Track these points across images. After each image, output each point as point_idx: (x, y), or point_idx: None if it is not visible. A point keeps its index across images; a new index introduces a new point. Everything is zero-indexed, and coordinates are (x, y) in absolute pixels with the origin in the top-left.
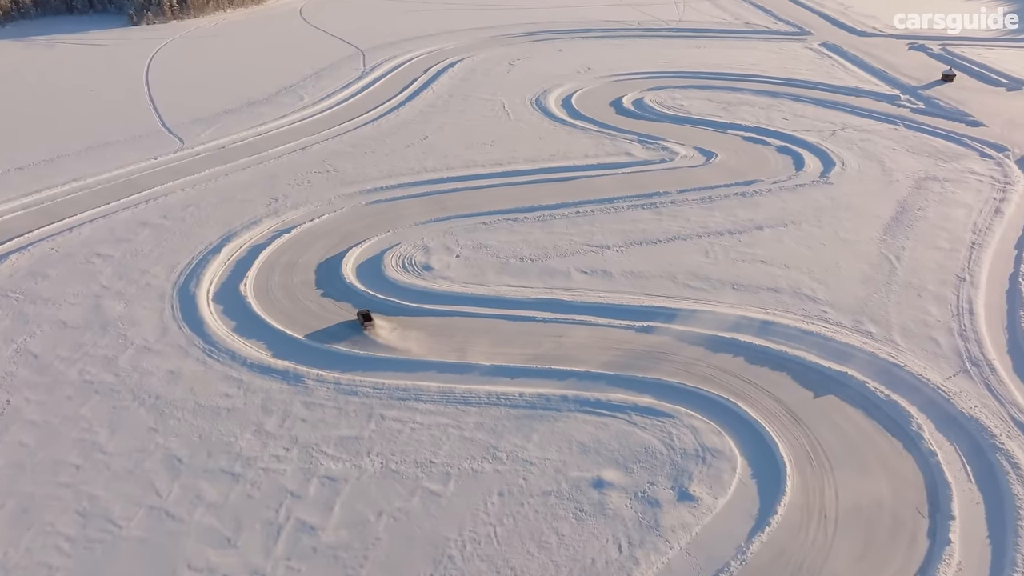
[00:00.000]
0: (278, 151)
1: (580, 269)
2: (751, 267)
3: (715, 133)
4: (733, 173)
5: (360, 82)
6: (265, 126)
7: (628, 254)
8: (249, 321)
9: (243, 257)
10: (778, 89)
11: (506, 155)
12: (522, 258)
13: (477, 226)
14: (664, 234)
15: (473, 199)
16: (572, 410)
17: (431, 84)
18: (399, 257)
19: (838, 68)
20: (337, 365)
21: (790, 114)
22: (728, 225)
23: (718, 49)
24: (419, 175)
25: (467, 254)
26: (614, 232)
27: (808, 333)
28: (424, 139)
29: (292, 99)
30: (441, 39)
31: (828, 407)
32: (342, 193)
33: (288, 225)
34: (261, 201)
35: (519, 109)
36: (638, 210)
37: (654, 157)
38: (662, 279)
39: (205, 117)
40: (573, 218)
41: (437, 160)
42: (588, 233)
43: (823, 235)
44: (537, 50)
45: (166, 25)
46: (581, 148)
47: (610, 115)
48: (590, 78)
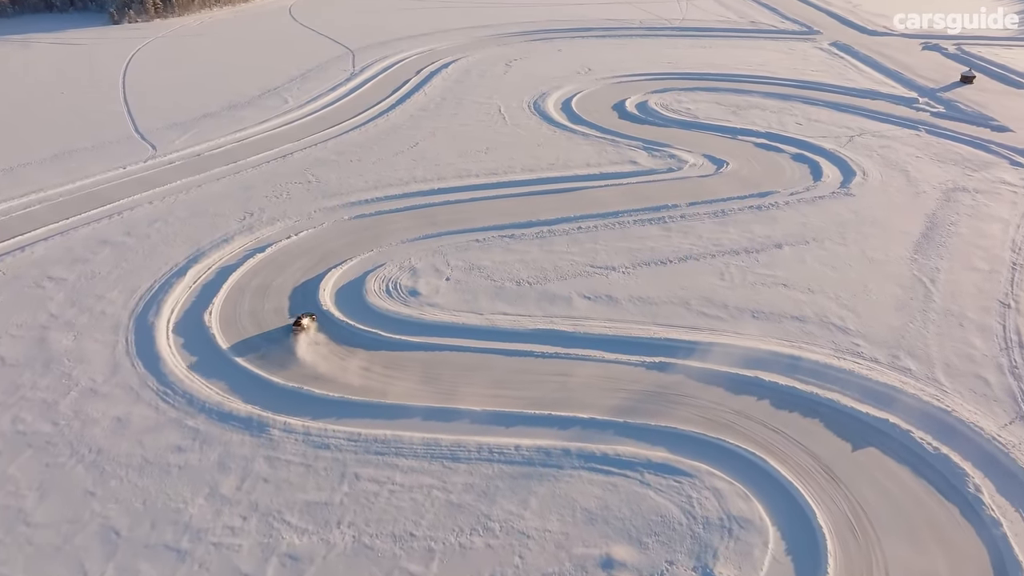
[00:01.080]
0: (257, 159)
1: (583, 294)
2: (772, 291)
3: (725, 139)
4: (746, 184)
5: (348, 84)
6: (245, 131)
7: (635, 276)
8: (212, 357)
9: (211, 280)
10: (789, 91)
11: (502, 163)
12: (519, 281)
13: (470, 244)
14: (674, 253)
15: (466, 213)
16: (576, 467)
17: (423, 86)
18: (383, 280)
19: (850, 69)
20: (308, 410)
21: (803, 118)
22: (744, 243)
23: (724, 49)
24: (408, 186)
25: (458, 277)
26: (619, 251)
27: (840, 371)
28: (414, 146)
29: (276, 102)
30: (435, 38)
31: (869, 462)
32: (324, 206)
33: (263, 243)
34: (235, 215)
35: (516, 113)
36: (645, 225)
37: (661, 166)
38: (674, 306)
39: (181, 122)
40: (574, 235)
41: (428, 169)
42: (591, 252)
43: (848, 254)
44: (535, 50)
45: (149, 24)
46: (582, 156)
47: (612, 119)
48: (591, 80)
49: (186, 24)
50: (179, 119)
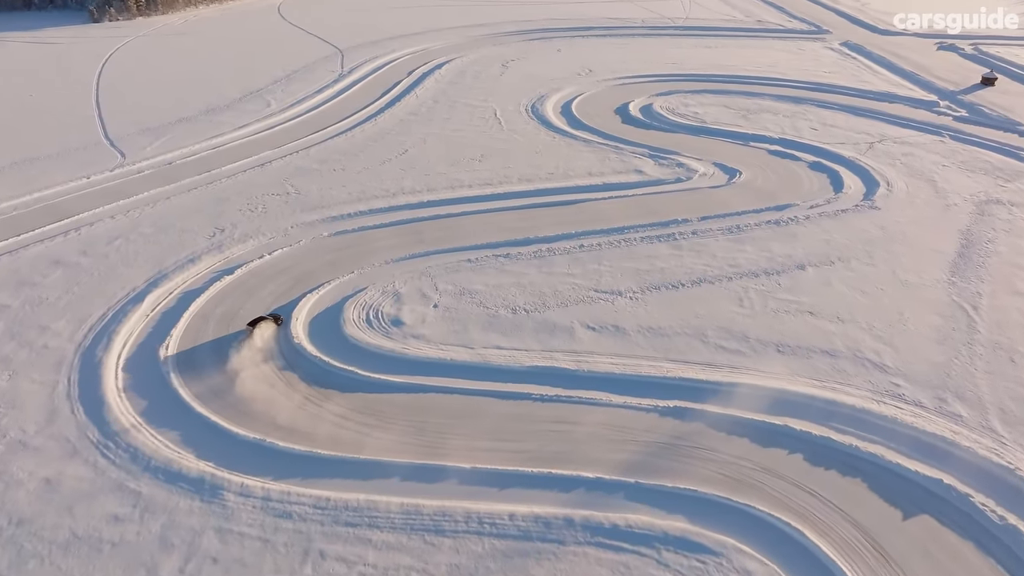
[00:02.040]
0: (233, 168)
1: (586, 324)
2: (797, 320)
3: (736, 146)
4: (762, 195)
5: (336, 86)
6: (222, 137)
7: (645, 303)
8: (165, 401)
9: (171, 307)
10: (801, 94)
11: (497, 173)
12: (515, 308)
13: (460, 265)
14: (687, 275)
15: (457, 229)
16: (581, 542)
17: (414, 88)
18: (363, 308)
19: (864, 70)
20: (271, 467)
21: (818, 123)
22: (763, 263)
23: (730, 49)
24: (395, 198)
25: (447, 303)
26: (626, 272)
27: (881, 418)
28: (403, 153)
29: (257, 105)
30: (429, 38)
31: (924, 534)
32: (302, 221)
33: (232, 263)
34: (204, 232)
35: (513, 117)
36: (653, 243)
37: (668, 175)
38: (689, 338)
39: (155, 127)
40: (576, 254)
41: (417, 179)
42: (595, 274)
43: (878, 276)
44: (533, 50)
45: (131, 22)
46: (584, 164)
47: (615, 124)
48: (592, 81)
49: (170, 23)
50: (152, 124)
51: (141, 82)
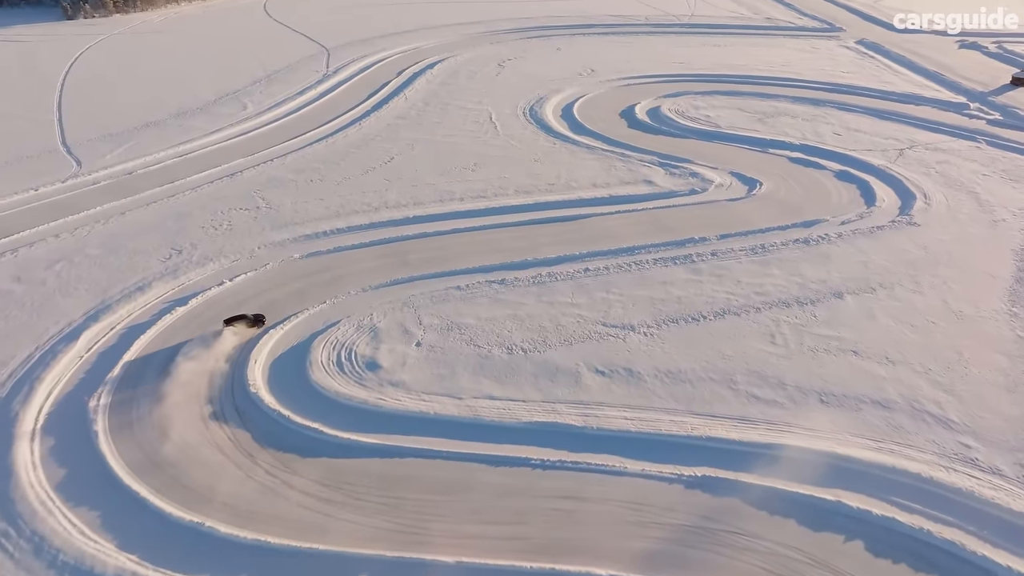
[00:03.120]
0: (200, 178)
1: (594, 367)
2: (840, 362)
3: (753, 153)
4: (786, 209)
5: (319, 87)
6: (192, 143)
7: (661, 340)
8: (88, 469)
9: (109, 347)
10: (820, 96)
11: (492, 184)
12: (510, 347)
13: (449, 293)
14: (708, 305)
15: (446, 249)
16: None
17: (404, 90)
18: (335, 347)
19: (885, 70)
20: (209, 560)
21: (841, 127)
22: (794, 290)
23: (740, 48)
24: (377, 213)
25: (432, 341)
26: (639, 302)
27: (954, 491)
28: (389, 161)
29: (233, 108)
30: (421, 36)
31: None
32: (270, 240)
33: (187, 292)
34: (159, 253)
35: (509, 121)
36: (668, 266)
37: (682, 187)
38: (715, 385)
39: (119, 132)
40: (580, 279)
41: (402, 191)
42: (602, 304)
43: (928, 306)
44: (531, 49)
45: (107, 19)
46: (588, 174)
47: (621, 129)
48: (594, 82)
49: (148, 20)
50: (116, 129)
51: (110, 83)
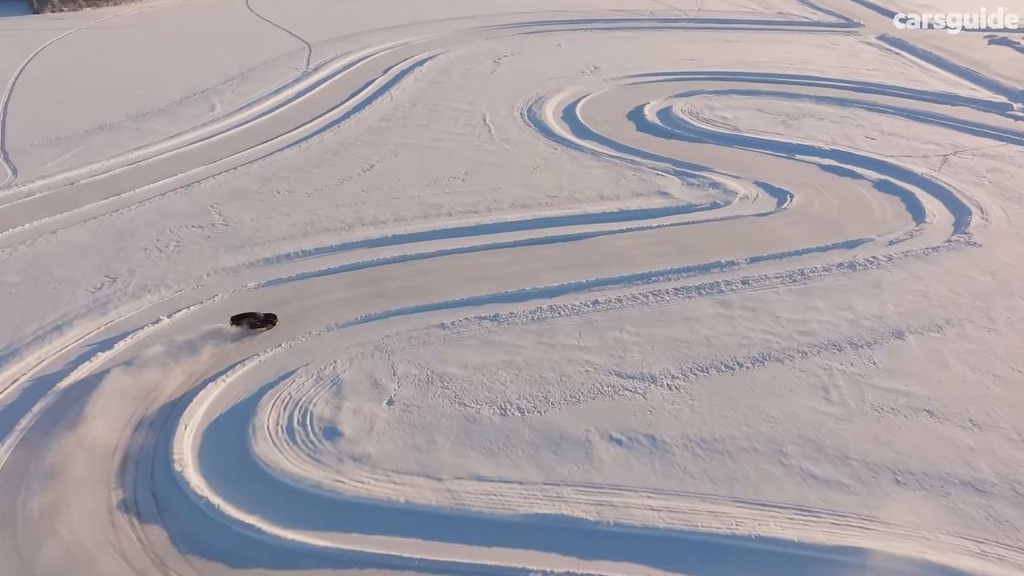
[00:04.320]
0: (150, 190)
1: (608, 433)
2: (912, 425)
3: (779, 159)
4: (823, 226)
5: (297, 85)
6: (147, 149)
7: (690, 394)
8: None
9: (9, 404)
10: (845, 95)
11: (484, 196)
12: (504, 406)
13: (431, 333)
14: (744, 348)
15: (430, 275)
16: None
17: (389, 89)
18: (287, 406)
19: (913, 68)
20: None
21: (874, 131)
22: (845, 328)
23: (753, 44)
24: (351, 231)
25: (408, 397)
26: (659, 344)
27: None
28: (368, 169)
29: (199, 109)
30: (411, 31)
31: None
32: (223, 265)
33: (114, 332)
34: (89, 282)
35: (505, 124)
36: (693, 297)
37: (702, 199)
38: (761, 458)
39: (66, 136)
40: (588, 314)
41: (382, 205)
42: (616, 347)
43: (1009, 349)
44: (530, 44)
45: (77, 13)
46: (594, 184)
47: (629, 132)
48: (598, 80)
49: (121, 14)
50: (65, 132)
51: (67, 82)
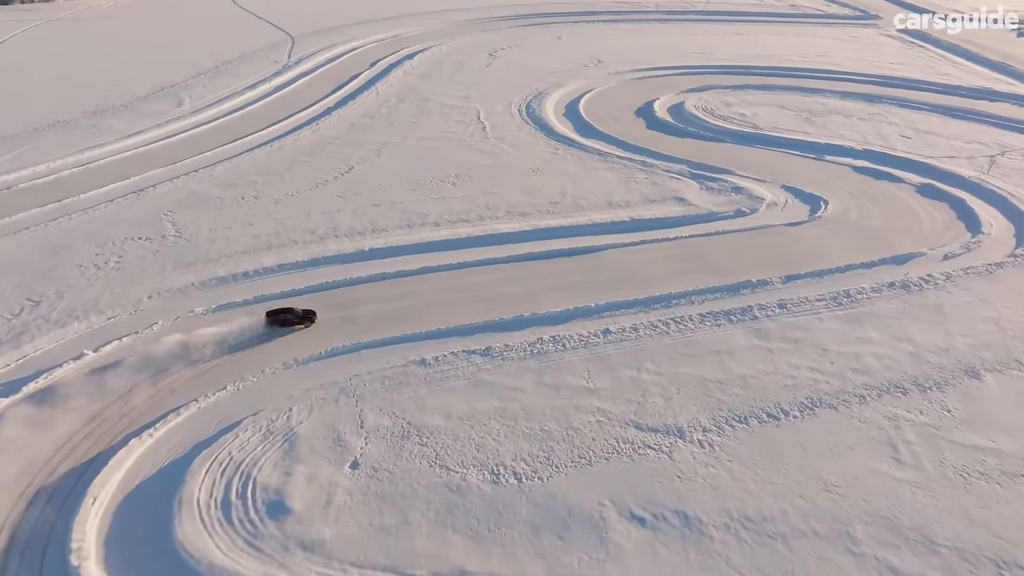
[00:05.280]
0: (97, 195)
1: (628, 508)
2: (1008, 496)
3: (807, 161)
4: (865, 238)
5: (275, 80)
6: (101, 148)
7: (727, 454)
8: None
9: None
10: (872, 90)
11: (477, 202)
12: (496, 471)
13: (410, 371)
14: (788, 391)
15: (411, 298)
16: None
17: (376, 83)
18: (225, 470)
19: (941, 61)
20: None
21: (908, 129)
22: (907, 365)
23: (766, 37)
24: (322, 244)
25: (377, 457)
26: (686, 386)
27: None
28: (347, 172)
29: (165, 105)
30: (402, 23)
31: None
32: (169, 286)
33: (26, 371)
34: (7, 305)
35: (502, 121)
36: (722, 325)
37: (724, 206)
38: (824, 544)
39: (14, 134)
40: (598, 346)
41: (359, 213)
42: (634, 389)
43: None
44: (528, 37)
45: (48, 4)
46: (601, 189)
47: (639, 130)
48: (602, 75)
49: (94, 5)
50: (14, 130)
51: (24, 75)
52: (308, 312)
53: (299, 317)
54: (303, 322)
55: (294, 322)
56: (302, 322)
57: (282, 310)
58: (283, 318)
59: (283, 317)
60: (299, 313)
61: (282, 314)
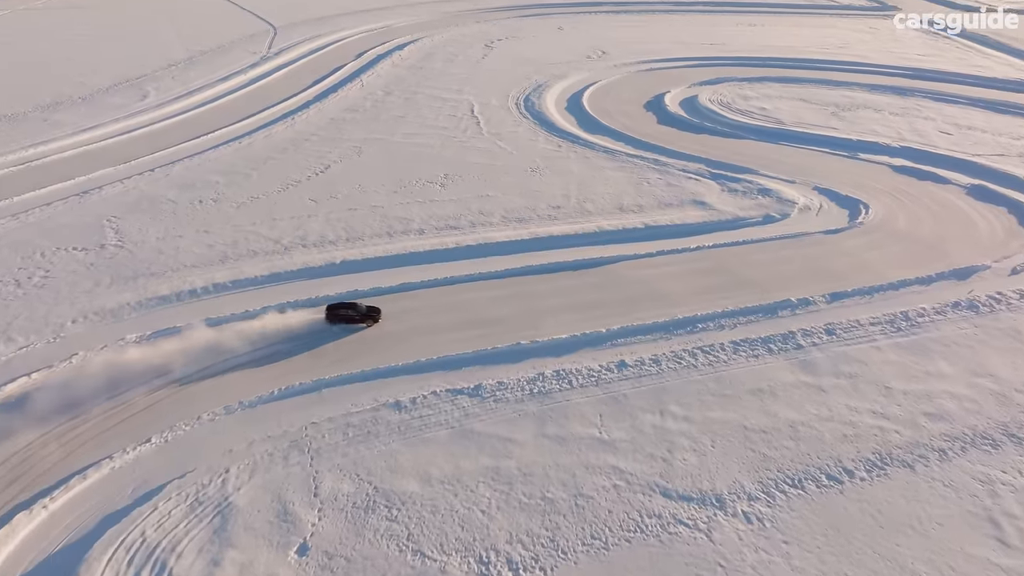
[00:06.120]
0: (35, 197)
1: None
2: None
3: (838, 159)
4: (917, 248)
5: (251, 71)
6: (48, 145)
7: (779, 530)
8: None
9: None
10: (901, 83)
11: (469, 207)
12: (485, 557)
13: (380, 417)
14: (850, 444)
15: (388, 323)
16: None
17: (361, 75)
18: (133, 557)
19: (971, 52)
20: None
21: (948, 124)
22: (991, 407)
23: (780, 28)
24: (286, 256)
25: (333, 538)
26: (722, 436)
27: None
28: (322, 171)
29: (128, 98)
30: (393, 14)
31: None
32: (100, 307)
33: None
34: None
35: (498, 115)
36: (759, 355)
37: (751, 210)
38: None
39: None
40: (611, 383)
41: (333, 219)
42: (657, 441)
43: None
44: (526, 28)
45: None
46: (610, 190)
47: (649, 125)
48: (606, 66)
49: None
50: None
51: None
52: (372, 309)
53: (362, 314)
54: (366, 320)
55: (356, 319)
56: (364, 320)
57: (343, 305)
58: (344, 315)
59: (344, 314)
60: (362, 309)
61: (343, 310)
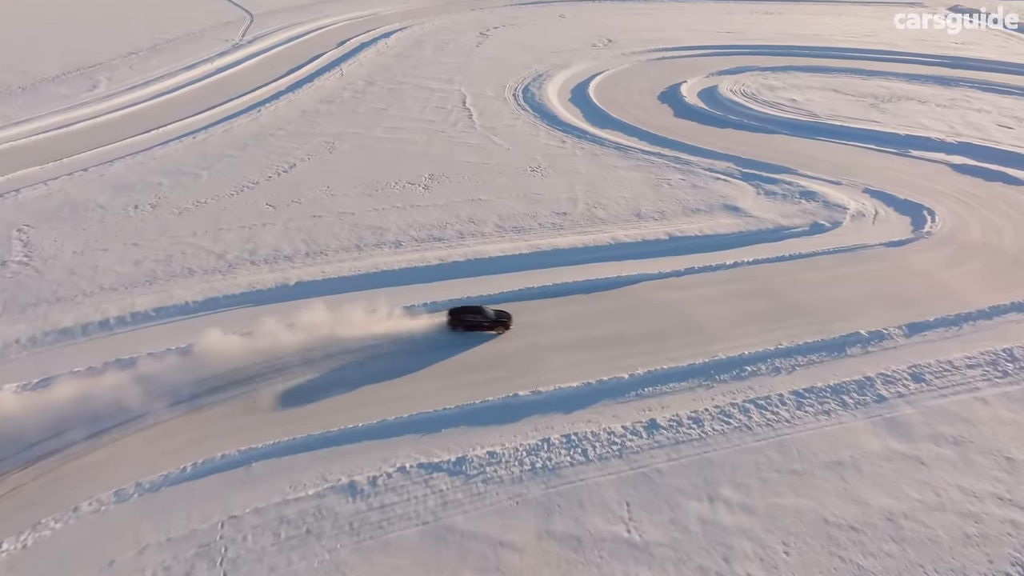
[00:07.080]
0: None
1: None
2: None
3: (886, 156)
4: (1001, 262)
5: (219, 60)
6: None
7: None
8: None
9: None
10: (941, 72)
11: (457, 213)
12: None
13: (327, 509)
14: (975, 549)
15: (344, 370)
16: None
17: (341, 64)
18: None
19: (1012, 40)
20: None
21: (1006, 117)
22: None
23: (800, 16)
24: (230, 275)
25: None
26: (796, 535)
27: None
28: (286, 171)
29: (76, 88)
30: (381, 1)
31: None
32: None
33: None
34: None
35: (493, 107)
36: (830, 412)
37: (795, 218)
38: None
39: None
40: (639, 452)
41: (292, 228)
42: (706, 543)
43: None
44: (525, 16)
45: None
46: (624, 193)
47: (665, 118)
48: (613, 55)
49: None
50: None
51: None
52: (501, 314)
53: (490, 320)
54: (495, 327)
55: (484, 327)
56: (493, 327)
57: (469, 309)
58: (469, 320)
59: (469, 320)
60: (490, 315)
61: (468, 315)
